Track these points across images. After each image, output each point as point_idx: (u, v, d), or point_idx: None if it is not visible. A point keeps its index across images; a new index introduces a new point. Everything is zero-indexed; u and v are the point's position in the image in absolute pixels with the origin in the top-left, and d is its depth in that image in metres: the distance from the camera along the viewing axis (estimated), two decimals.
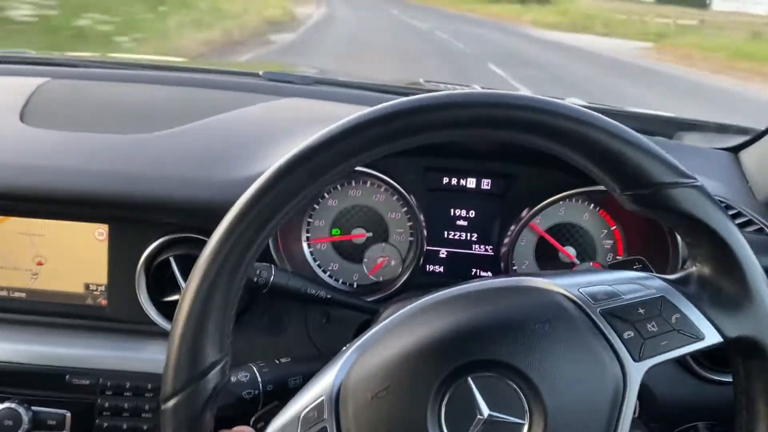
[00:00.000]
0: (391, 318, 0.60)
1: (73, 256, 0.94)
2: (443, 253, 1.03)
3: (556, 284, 0.57)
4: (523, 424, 0.51)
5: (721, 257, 0.57)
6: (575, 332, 0.54)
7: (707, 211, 0.56)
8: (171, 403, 0.55)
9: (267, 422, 0.60)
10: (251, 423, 0.76)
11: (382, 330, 0.59)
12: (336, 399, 0.56)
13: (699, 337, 0.54)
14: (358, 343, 0.60)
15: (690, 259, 0.59)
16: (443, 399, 0.53)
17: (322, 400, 0.56)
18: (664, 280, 0.58)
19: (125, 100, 1.16)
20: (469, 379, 0.53)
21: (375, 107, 0.56)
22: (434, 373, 0.53)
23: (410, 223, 1.01)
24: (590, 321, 0.54)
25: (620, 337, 0.53)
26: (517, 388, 0.52)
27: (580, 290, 0.57)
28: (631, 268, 0.62)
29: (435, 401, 0.53)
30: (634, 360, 0.53)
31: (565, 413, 0.52)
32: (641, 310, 0.55)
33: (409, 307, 0.61)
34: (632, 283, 0.57)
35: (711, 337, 0.55)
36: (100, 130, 1.00)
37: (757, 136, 1.14)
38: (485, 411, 0.52)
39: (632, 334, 0.54)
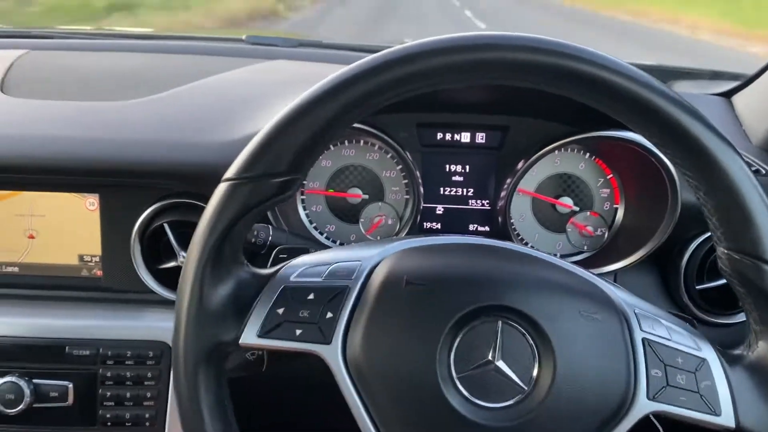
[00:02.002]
0: (449, 236, 0.63)
1: (65, 228, 0.92)
2: (440, 209, 1.03)
3: (618, 295, 0.58)
4: (525, 390, 0.54)
5: None
6: (612, 341, 0.55)
7: None
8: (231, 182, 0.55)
9: (291, 257, 0.62)
10: (274, 253, 0.75)
11: (439, 240, 0.62)
12: (371, 269, 0.57)
13: (715, 413, 0.54)
14: (411, 238, 0.62)
15: (748, 341, 0.58)
16: (465, 328, 0.54)
17: (358, 264, 0.58)
18: (717, 349, 0.57)
19: (108, 69, 1.13)
20: (499, 321, 0.54)
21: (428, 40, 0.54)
22: (471, 300, 0.55)
23: (405, 181, 1.00)
24: (630, 340, 0.55)
25: (647, 369, 0.54)
26: (535, 349, 0.54)
27: (636, 311, 0.57)
28: (686, 322, 0.61)
29: (461, 325, 0.54)
30: (647, 397, 0.53)
31: (569, 392, 0.53)
32: (679, 360, 0.55)
33: (475, 238, 0.64)
34: (686, 334, 0.57)
35: (726, 420, 0.54)
36: (84, 98, 0.97)
37: (749, 80, 1.14)
38: (497, 357, 0.53)
39: (659, 375, 0.54)
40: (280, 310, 0.56)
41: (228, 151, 0.85)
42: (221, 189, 0.55)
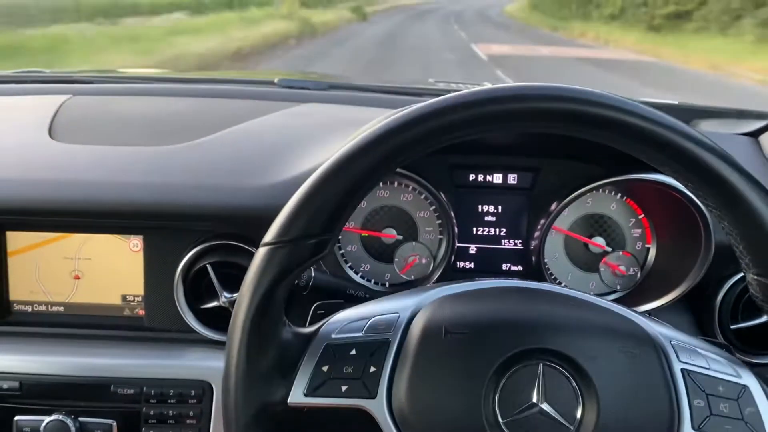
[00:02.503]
0: (483, 281, 0.64)
1: (110, 269, 0.95)
2: (473, 249, 1.04)
3: (654, 328, 0.59)
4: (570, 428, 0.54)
5: None
6: (652, 375, 0.56)
7: None
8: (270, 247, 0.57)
9: (328, 312, 0.64)
10: (312, 309, 0.77)
11: (474, 285, 0.63)
12: (409, 320, 0.59)
13: None
14: (448, 285, 0.64)
15: None
16: (507, 373, 0.56)
17: (396, 316, 0.60)
18: (757, 374, 0.58)
19: (147, 113, 1.17)
20: (540, 364, 0.55)
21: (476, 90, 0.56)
22: (512, 345, 0.56)
23: (439, 221, 1.02)
24: (669, 372, 0.56)
25: (689, 400, 0.55)
26: (578, 389, 0.55)
27: (672, 342, 0.58)
28: (722, 348, 0.62)
29: (503, 370, 0.55)
30: (693, 428, 0.54)
31: (615, 430, 0.54)
32: (720, 388, 0.56)
33: (510, 281, 0.65)
34: (725, 362, 0.58)
35: None
36: (127, 143, 1.01)
37: None
38: (541, 399, 0.54)
39: (702, 404, 0.55)
40: (325, 368, 0.58)
41: (265, 195, 0.88)
42: (261, 253, 0.57)
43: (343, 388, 0.57)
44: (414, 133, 0.55)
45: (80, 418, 0.86)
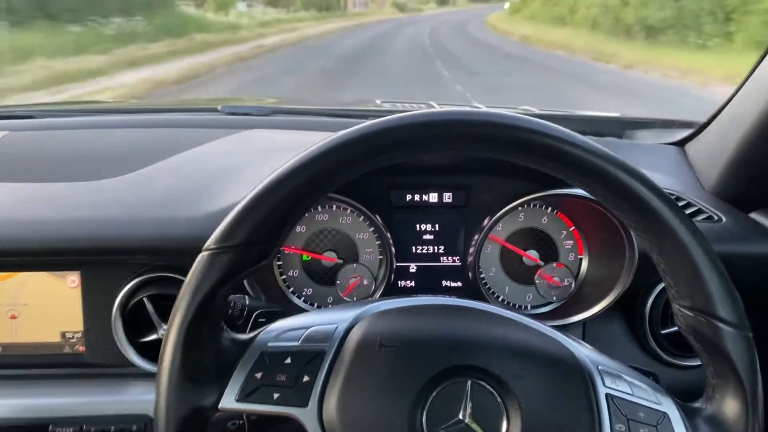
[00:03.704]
0: (423, 297, 0.66)
1: (47, 307, 0.94)
2: (413, 267, 1.06)
3: (582, 352, 0.61)
4: None
5: (738, 412, 0.58)
6: (577, 398, 0.58)
7: (747, 362, 0.57)
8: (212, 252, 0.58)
9: (269, 321, 0.64)
10: (253, 317, 0.78)
11: (413, 301, 0.65)
12: (346, 332, 0.60)
13: None
14: (387, 300, 0.65)
15: (707, 394, 0.61)
16: (436, 389, 0.57)
17: (333, 327, 0.61)
18: (677, 403, 0.60)
19: (86, 147, 1.17)
20: (469, 381, 0.57)
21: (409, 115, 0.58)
22: (443, 361, 0.58)
23: (378, 242, 1.04)
24: (594, 396, 0.58)
25: (611, 424, 0.56)
26: (503, 407, 0.57)
27: (600, 368, 0.60)
28: (648, 377, 0.64)
29: (432, 385, 0.57)
30: None
31: None
32: (641, 414, 0.58)
33: (446, 299, 0.67)
34: (648, 389, 0.60)
35: None
36: (63, 179, 1.01)
37: (700, 129, 1.20)
38: (467, 416, 0.56)
39: (623, 429, 0.56)
40: (258, 375, 0.59)
41: (206, 224, 0.88)
42: (201, 259, 0.58)
43: (275, 395, 0.58)
44: (355, 150, 0.57)
45: None
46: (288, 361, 0.59)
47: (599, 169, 0.57)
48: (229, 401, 0.58)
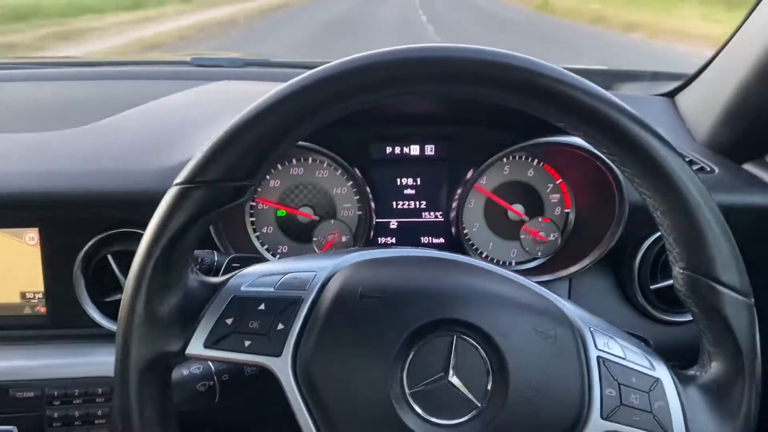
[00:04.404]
0: (406, 248, 0.62)
1: (5, 266, 0.88)
2: (393, 224, 1.02)
3: (574, 312, 0.58)
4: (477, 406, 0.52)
5: (733, 379, 0.55)
6: (566, 359, 0.54)
7: (748, 332, 0.54)
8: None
9: (244, 265, 0.60)
10: (226, 261, 0.73)
11: (396, 252, 0.61)
12: (326, 280, 0.56)
13: None
14: (367, 250, 0.61)
15: (702, 362, 0.58)
16: (419, 343, 0.53)
17: (312, 275, 0.57)
18: (671, 368, 0.57)
19: (49, 98, 1.10)
20: (454, 336, 0.53)
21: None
22: (427, 313, 0.54)
23: (357, 197, 0.99)
24: (585, 358, 0.54)
25: (601, 388, 0.53)
26: (489, 365, 0.53)
27: (591, 329, 0.57)
28: (643, 342, 0.61)
29: (415, 339, 0.53)
30: (601, 417, 0.53)
31: (522, 410, 0.52)
32: (634, 379, 0.54)
33: (432, 251, 0.62)
34: (640, 353, 0.57)
35: None
36: (22, 130, 0.94)
37: (690, 80, 1.16)
38: (451, 372, 0.52)
39: (613, 394, 0.53)
40: (229, 320, 0.54)
41: (170, 175, 0.82)
42: (172, 193, 0.53)
43: (247, 343, 0.54)
44: (346, 84, 0.52)
45: None
46: (262, 307, 0.55)
47: (608, 119, 0.52)
48: (196, 347, 0.54)
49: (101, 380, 0.83)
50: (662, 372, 0.56)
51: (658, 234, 0.92)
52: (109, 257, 0.85)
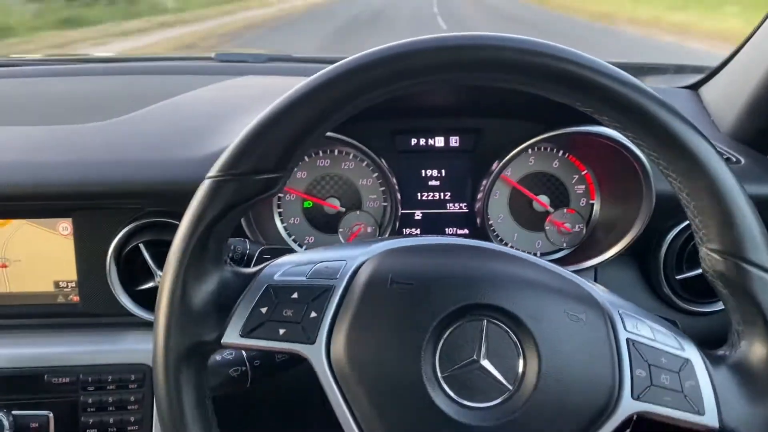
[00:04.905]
0: (434, 236, 0.63)
1: (39, 255, 0.90)
2: (418, 215, 1.02)
3: (602, 296, 0.58)
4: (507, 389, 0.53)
5: (763, 358, 0.55)
6: (596, 341, 0.54)
7: None
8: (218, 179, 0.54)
9: (274, 257, 0.61)
10: (257, 253, 0.75)
11: (424, 240, 0.62)
12: (356, 269, 0.57)
13: (699, 413, 0.54)
14: (396, 238, 0.62)
15: (732, 342, 0.58)
16: (450, 328, 0.54)
17: (343, 263, 0.58)
18: (701, 349, 0.57)
19: (76, 93, 1.12)
20: (485, 320, 0.54)
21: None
22: (457, 299, 0.54)
23: (382, 188, 1.00)
24: (614, 340, 0.55)
25: (632, 369, 0.54)
26: (520, 348, 0.54)
27: (620, 311, 0.57)
28: (671, 322, 0.61)
29: (446, 324, 0.54)
30: (632, 397, 0.53)
31: (554, 392, 0.53)
32: (663, 360, 0.55)
33: (461, 239, 0.63)
34: (670, 334, 0.57)
35: (710, 419, 0.54)
36: (52, 123, 0.96)
37: (714, 72, 1.16)
38: (482, 356, 0.53)
39: (643, 374, 0.54)
40: (264, 309, 0.56)
41: (200, 166, 0.83)
42: (205, 186, 0.54)
43: (281, 331, 0.55)
44: (378, 73, 0.53)
45: (14, 412, 0.82)
46: (295, 296, 0.56)
47: (634, 103, 0.53)
48: (232, 336, 0.55)
49: (134, 367, 0.85)
50: (692, 352, 0.56)
51: (684, 224, 0.92)
52: (141, 246, 0.86)
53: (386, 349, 0.53)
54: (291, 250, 0.66)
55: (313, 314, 0.55)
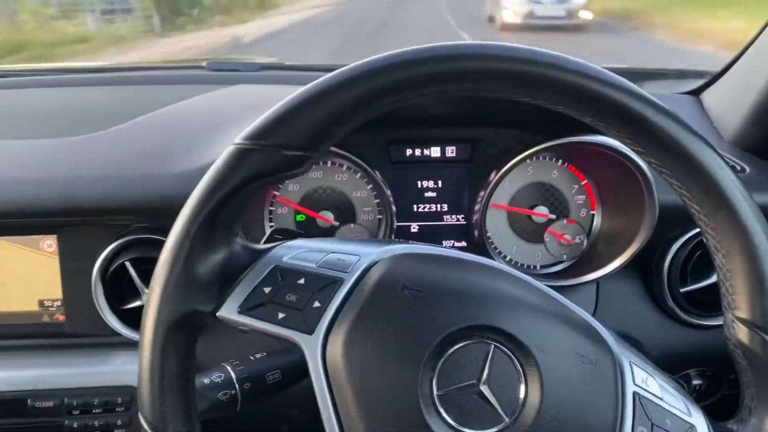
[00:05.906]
0: (453, 250, 0.61)
1: (23, 273, 0.87)
2: (414, 227, 1.00)
3: (614, 344, 0.56)
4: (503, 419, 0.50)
5: None
6: (602, 388, 0.52)
7: None
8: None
9: (286, 238, 0.59)
10: (270, 232, 0.72)
11: (444, 251, 0.60)
12: (369, 266, 0.55)
13: None
14: (414, 243, 0.60)
15: (742, 417, 0.55)
16: (455, 345, 0.51)
17: (356, 258, 0.56)
18: (708, 418, 0.55)
19: (63, 104, 1.09)
20: (492, 345, 0.51)
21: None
22: (469, 317, 0.52)
23: (377, 200, 0.97)
24: (621, 391, 0.52)
25: (633, 425, 0.51)
26: (523, 380, 0.51)
27: (631, 363, 0.55)
28: (677, 384, 0.59)
29: (452, 340, 0.51)
30: None
31: (550, 428, 0.50)
32: (668, 421, 0.52)
33: (482, 258, 0.61)
34: (678, 397, 0.55)
35: None
36: (38, 136, 0.93)
37: (716, 77, 1.14)
38: (483, 381, 0.50)
39: None
40: (267, 289, 0.53)
41: (189, 180, 0.81)
42: (229, 151, 0.52)
43: (281, 315, 0.52)
44: (427, 69, 0.51)
45: None
46: (302, 281, 0.53)
47: (666, 135, 0.51)
48: (229, 311, 0.53)
49: (121, 389, 0.82)
50: (698, 419, 0.54)
51: (688, 236, 0.90)
52: (128, 264, 0.84)
53: (385, 354, 0.51)
54: (305, 235, 0.63)
55: (317, 304, 0.52)
